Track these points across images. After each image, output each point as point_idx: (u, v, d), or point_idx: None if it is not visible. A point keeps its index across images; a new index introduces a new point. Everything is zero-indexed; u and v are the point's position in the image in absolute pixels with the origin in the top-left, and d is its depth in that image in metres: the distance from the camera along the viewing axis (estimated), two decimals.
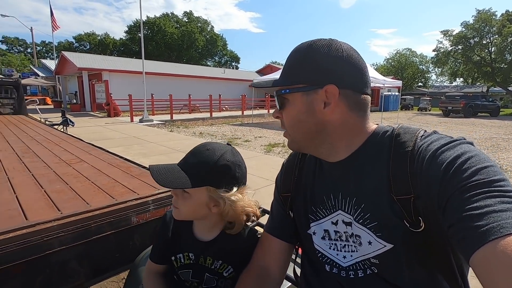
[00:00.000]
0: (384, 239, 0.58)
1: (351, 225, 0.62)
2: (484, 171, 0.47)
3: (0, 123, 5.25)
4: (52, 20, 22.42)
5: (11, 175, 1.89)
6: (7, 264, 1.09)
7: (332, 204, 0.66)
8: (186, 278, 0.86)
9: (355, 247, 0.63)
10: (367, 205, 0.60)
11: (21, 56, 49.57)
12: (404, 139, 0.59)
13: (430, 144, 0.55)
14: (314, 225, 0.69)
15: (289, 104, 0.64)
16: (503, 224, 0.40)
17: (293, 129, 0.65)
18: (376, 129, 0.64)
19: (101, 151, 2.84)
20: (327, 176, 0.68)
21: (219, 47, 55.85)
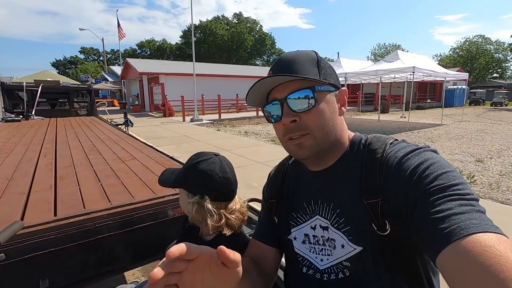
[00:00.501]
0: (354, 242, 0.61)
1: (327, 230, 0.66)
2: (444, 176, 0.51)
3: (76, 123, 6.12)
4: (118, 31, 25.14)
5: (78, 170, 2.23)
6: (70, 243, 1.33)
7: (312, 210, 0.69)
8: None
9: (330, 251, 0.66)
10: (342, 210, 0.63)
11: (95, 63, 56.53)
12: (374, 146, 0.63)
13: (397, 151, 0.59)
14: (294, 231, 0.72)
15: (321, 102, 0.61)
16: (462, 226, 0.43)
17: (324, 129, 0.62)
18: (353, 137, 0.68)
19: (151, 150, 3.15)
20: (309, 184, 0.71)
21: (268, 46, 56.27)
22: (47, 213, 1.42)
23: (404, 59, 10.43)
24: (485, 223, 0.43)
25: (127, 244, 1.52)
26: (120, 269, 1.57)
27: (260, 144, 7.61)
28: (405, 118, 12.81)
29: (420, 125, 11.62)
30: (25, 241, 1.21)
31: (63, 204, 1.53)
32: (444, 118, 13.06)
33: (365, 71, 11.12)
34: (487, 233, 0.41)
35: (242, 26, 52.26)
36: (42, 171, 2.23)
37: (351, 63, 13.27)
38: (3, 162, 2.47)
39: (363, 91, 22.24)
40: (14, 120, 6.37)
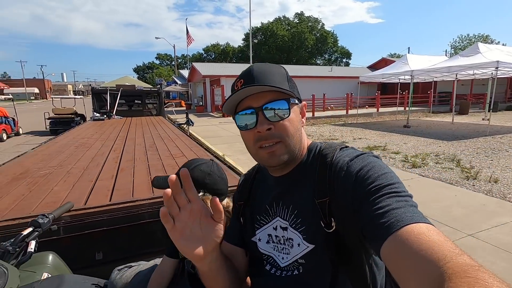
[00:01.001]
0: (308, 240, 0.66)
1: (287, 230, 0.70)
2: (382, 176, 0.57)
3: (145, 122, 6.97)
4: (187, 37, 27.41)
5: (136, 164, 2.61)
6: (119, 225, 1.60)
7: (273, 212, 0.74)
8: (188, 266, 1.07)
9: (288, 249, 0.70)
10: (299, 212, 0.68)
11: (168, 68, 62.64)
12: (326, 152, 0.69)
13: (345, 156, 0.66)
14: (259, 232, 0.77)
15: (292, 113, 0.67)
16: (399, 218, 0.49)
17: (294, 138, 0.67)
18: (311, 145, 0.74)
19: (200, 148, 3.45)
20: (272, 188, 0.76)
21: (329, 44, 54.48)
22: (104, 198, 1.74)
23: (486, 53, 9.00)
24: (417, 216, 0.49)
25: (165, 230, 1.75)
26: (158, 252, 1.81)
27: None
28: (489, 121, 11.06)
29: (506, 129, 9.89)
30: (86, 220, 1.52)
31: (118, 192, 1.85)
32: None
33: (435, 68, 9.94)
34: (419, 224, 0.47)
35: (303, 26, 51.66)
36: (109, 163, 2.67)
37: (420, 59, 12.00)
38: (84, 155, 3.02)
39: (436, 90, 19.90)
40: (99, 119, 7.56)
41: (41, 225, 0.90)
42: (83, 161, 2.73)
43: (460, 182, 4.39)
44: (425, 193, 4.02)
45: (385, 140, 8.15)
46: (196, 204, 0.57)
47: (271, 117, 0.65)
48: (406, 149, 6.91)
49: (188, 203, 0.56)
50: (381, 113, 16.36)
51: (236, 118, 0.70)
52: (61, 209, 1.07)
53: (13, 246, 0.81)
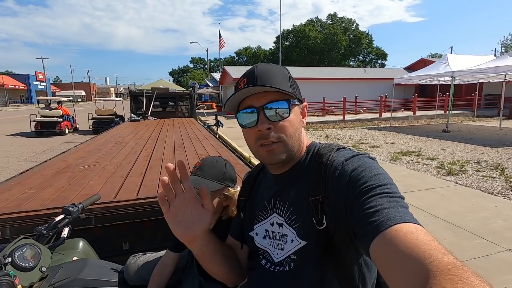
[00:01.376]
0: (301, 237, 0.68)
1: (282, 226, 0.73)
2: (375, 177, 0.59)
3: (177, 123, 7.29)
4: (220, 41, 28.15)
5: (164, 162, 2.76)
6: (144, 218, 1.72)
7: (271, 208, 0.77)
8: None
9: (282, 245, 0.73)
10: (294, 209, 0.70)
11: (201, 71, 64.76)
12: (323, 152, 0.71)
13: (340, 157, 0.67)
14: (257, 227, 0.81)
15: (292, 113, 0.69)
16: (388, 218, 0.50)
17: (293, 138, 0.70)
18: (310, 145, 0.76)
19: (225, 149, 3.56)
20: (271, 186, 0.79)
21: (364, 45, 52.66)
22: (132, 193, 1.88)
23: None
24: (406, 216, 0.51)
25: None
26: None
27: None
28: None
29: None
30: (114, 212, 1.65)
31: (145, 188, 1.98)
32: None
33: (479, 69, 9.19)
34: (407, 223, 0.49)
35: (336, 27, 50.54)
36: (140, 161, 2.86)
37: (462, 59, 11.15)
38: (118, 153, 3.27)
39: (483, 92, 18.35)
40: (135, 120, 8.05)
41: (71, 213, 1.02)
42: (117, 159, 2.95)
43: (502, 192, 4.03)
44: (460, 203, 3.75)
45: (420, 145, 7.71)
46: (189, 193, 0.65)
47: (272, 116, 0.67)
48: (443, 155, 6.48)
49: (182, 192, 0.64)
50: (418, 116, 15.47)
51: (238, 116, 0.73)
52: (90, 200, 1.20)
53: (47, 230, 0.93)
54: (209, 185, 1.01)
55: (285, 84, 0.70)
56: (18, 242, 0.79)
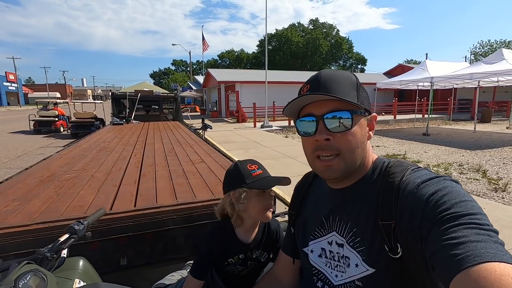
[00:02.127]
0: (367, 263, 0.61)
1: (343, 247, 0.67)
2: (462, 204, 0.51)
3: (162, 127, 7.08)
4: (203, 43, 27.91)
5: (157, 169, 2.63)
6: (144, 230, 1.61)
7: (330, 226, 0.71)
8: (234, 268, 1.09)
9: (344, 268, 0.67)
10: (358, 230, 0.64)
11: (183, 74, 63.86)
12: (394, 171, 0.64)
13: (416, 178, 0.60)
14: (312, 244, 0.75)
15: (356, 126, 0.63)
16: (477, 253, 0.43)
17: (354, 152, 0.64)
18: (376, 160, 0.69)
19: (218, 154, 3.45)
20: (329, 200, 0.73)
21: (344, 50, 54.12)
22: (129, 203, 1.75)
23: (511, 59, 8.67)
24: (502, 254, 0.43)
25: (187, 237, 1.74)
26: (181, 259, 1.80)
27: None
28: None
29: None
30: (112, 224, 1.53)
31: (142, 197, 1.86)
32: None
33: (456, 75, 9.64)
34: (504, 263, 0.41)
35: (317, 32, 51.65)
36: (131, 168, 2.70)
37: (440, 66, 11.68)
38: (106, 159, 3.08)
39: (456, 97, 19.30)
40: (118, 124, 7.74)
41: (77, 232, 0.91)
42: (105, 165, 2.78)
43: (488, 194, 4.18)
44: None
45: (404, 148, 7.93)
46: None
47: (332, 127, 0.63)
48: (427, 158, 6.69)
49: None
50: (398, 120, 15.99)
51: (297, 124, 0.69)
52: (95, 215, 1.08)
53: (51, 252, 0.81)
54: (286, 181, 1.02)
55: (351, 92, 0.64)
56: (21, 268, 0.68)
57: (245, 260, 1.08)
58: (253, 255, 1.09)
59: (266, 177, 1.01)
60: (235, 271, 1.08)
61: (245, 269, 1.09)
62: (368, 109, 0.67)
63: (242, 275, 1.10)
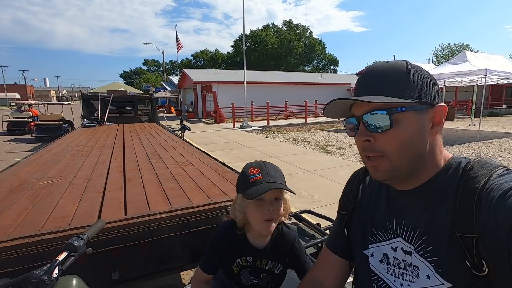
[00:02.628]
0: (443, 276, 0.55)
1: (410, 255, 0.61)
2: None
3: (139, 129, 6.76)
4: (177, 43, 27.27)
5: (142, 173, 2.46)
6: (137, 241, 1.47)
7: (394, 230, 0.65)
8: (247, 277, 1.02)
9: (412, 277, 0.61)
10: (429, 238, 0.58)
11: (155, 74, 62.01)
12: (476, 174, 0.55)
13: (505, 183, 0.51)
14: (372, 247, 0.69)
15: (400, 124, 0.57)
16: None
17: (401, 153, 0.58)
18: (450, 159, 0.61)
19: (205, 156, 3.33)
20: (392, 201, 0.67)
21: (317, 52, 55.50)
22: (119, 211, 1.60)
23: (473, 61, 9.32)
24: None
25: (184, 245, 1.63)
26: (178, 268, 1.68)
27: (309, 152, 7.47)
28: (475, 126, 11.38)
29: (494, 135, 10.22)
30: (103, 236, 1.38)
31: (132, 204, 1.71)
32: None
33: None
34: None
35: (291, 33, 52.49)
36: (113, 172, 2.51)
37: None
38: (83, 164, 2.85)
39: None
40: (90, 126, 7.29)
41: (77, 249, 0.78)
42: (84, 171, 2.56)
43: None
44: None
45: None
46: None
47: (371, 128, 0.59)
48: None
49: None
50: None
51: (344, 124, 0.66)
52: (94, 228, 0.95)
53: (48, 275, 0.68)
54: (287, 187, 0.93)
55: (395, 87, 0.57)
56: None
57: (256, 269, 1.01)
58: (266, 266, 1.02)
59: (262, 184, 0.90)
60: (247, 279, 1.01)
61: (260, 283, 1.02)
62: (424, 101, 0.58)
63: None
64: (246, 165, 1.00)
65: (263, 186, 0.90)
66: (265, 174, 0.93)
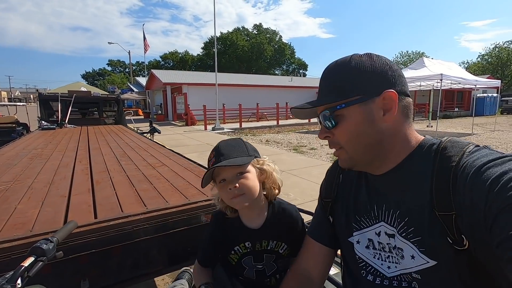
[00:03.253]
0: (427, 255, 0.57)
1: (394, 237, 0.62)
2: None
3: (105, 131, 6.39)
4: (144, 44, 26.32)
5: (112, 175, 2.31)
6: (109, 245, 1.36)
7: (376, 215, 0.66)
8: (250, 264, 0.96)
9: (397, 259, 0.62)
10: (410, 219, 0.59)
11: (121, 75, 59.32)
12: (450, 153, 0.56)
13: (476, 159, 0.52)
14: (357, 234, 0.70)
15: (344, 119, 0.61)
16: None
17: (352, 144, 0.63)
18: (422, 141, 0.63)
19: (179, 157, 3.21)
20: (372, 187, 0.68)
21: (287, 56, 56.67)
22: (88, 215, 1.48)
23: (430, 67, 10.09)
24: None
25: (161, 248, 1.54)
26: (154, 273, 1.58)
27: (282, 152, 7.56)
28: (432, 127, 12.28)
29: (449, 135, 11.04)
30: (70, 242, 1.26)
31: (102, 207, 1.59)
32: (474, 127, 12.41)
33: None
34: None
35: (262, 37, 53.12)
36: (79, 175, 2.33)
37: None
38: (43, 167, 2.61)
39: None
40: (49, 128, 6.76)
41: (45, 253, 0.68)
42: (44, 174, 2.35)
43: None
44: None
45: None
46: None
47: (325, 125, 0.65)
48: None
49: None
50: None
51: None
52: (65, 229, 0.85)
53: (11, 284, 0.59)
54: (238, 161, 0.85)
55: (342, 83, 0.62)
56: None
57: (257, 253, 0.95)
58: (267, 246, 0.96)
59: (210, 170, 0.87)
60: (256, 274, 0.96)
61: (266, 269, 0.96)
62: (365, 93, 0.59)
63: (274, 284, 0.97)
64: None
65: (210, 171, 0.87)
66: (217, 155, 0.88)
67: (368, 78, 0.60)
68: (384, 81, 0.60)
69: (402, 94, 0.61)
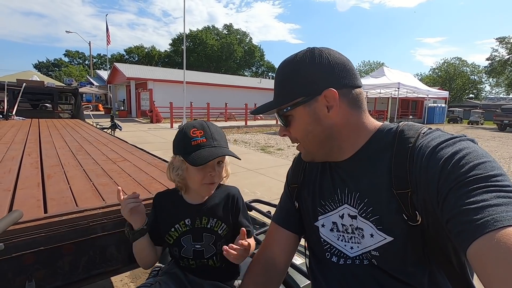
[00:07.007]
0: (384, 231, 0.60)
1: (356, 219, 0.65)
2: (481, 166, 0.48)
3: (60, 125, 5.90)
4: (107, 35, 24.84)
5: (66, 169, 2.13)
6: (61, 243, 1.25)
7: (339, 198, 0.68)
8: (188, 243, 0.96)
9: (358, 239, 0.65)
10: (369, 200, 0.62)
11: (80, 67, 55.26)
12: (407, 135, 0.60)
13: (431, 140, 0.56)
14: (322, 218, 0.72)
15: (294, 120, 0.66)
16: (497, 218, 0.41)
17: (306, 141, 0.68)
18: (381, 126, 0.67)
19: (142, 152, 3.06)
20: (335, 172, 0.71)
21: (257, 58, 57.16)
22: (36, 210, 1.34)
23: (389, 75, 10.85)
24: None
25: (120, 245, 1.45)
26: (112, 272, 1.48)
27: (250, 152, 7.58)
28: None
29: None
30: (14, 238, 1.13)
31: (53, 202, 1.45)
32: None
33: None
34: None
35: (232, 37, 52.98)
36: (27, 169, 2.11)
37: None
38: None
39: None
40: None
41: None
42: None
43: None
44: None
45: None
46: None
47: (282, 124, 0.71)
48: None
49: None
50: None
51: None
52: (8, 219, 0.75)
53: None
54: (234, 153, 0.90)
55: (285, 87, 0.66)
56: None
57: (197, 232, 0.95)
58: (207, 224, 0.95)
59: (206, 149, 0.86)
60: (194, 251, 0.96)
61: (205, 251, 0.96)
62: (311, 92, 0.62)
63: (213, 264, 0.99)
64: (187, 124, 0.93)
65: (209, 152, 0.85)
66: (209, 137, 0.88)
67: (306, 80, 0.63)
68: (327, 79, 0.62)
69: (349, 87, 0.62)
